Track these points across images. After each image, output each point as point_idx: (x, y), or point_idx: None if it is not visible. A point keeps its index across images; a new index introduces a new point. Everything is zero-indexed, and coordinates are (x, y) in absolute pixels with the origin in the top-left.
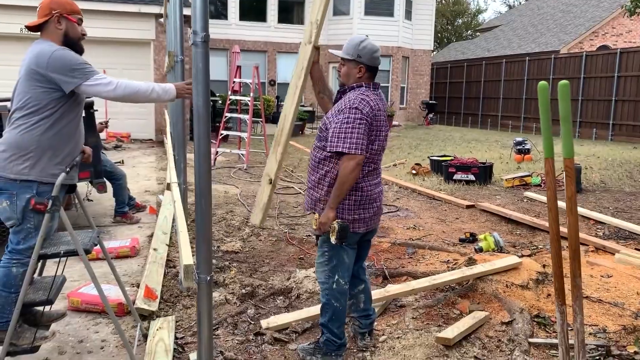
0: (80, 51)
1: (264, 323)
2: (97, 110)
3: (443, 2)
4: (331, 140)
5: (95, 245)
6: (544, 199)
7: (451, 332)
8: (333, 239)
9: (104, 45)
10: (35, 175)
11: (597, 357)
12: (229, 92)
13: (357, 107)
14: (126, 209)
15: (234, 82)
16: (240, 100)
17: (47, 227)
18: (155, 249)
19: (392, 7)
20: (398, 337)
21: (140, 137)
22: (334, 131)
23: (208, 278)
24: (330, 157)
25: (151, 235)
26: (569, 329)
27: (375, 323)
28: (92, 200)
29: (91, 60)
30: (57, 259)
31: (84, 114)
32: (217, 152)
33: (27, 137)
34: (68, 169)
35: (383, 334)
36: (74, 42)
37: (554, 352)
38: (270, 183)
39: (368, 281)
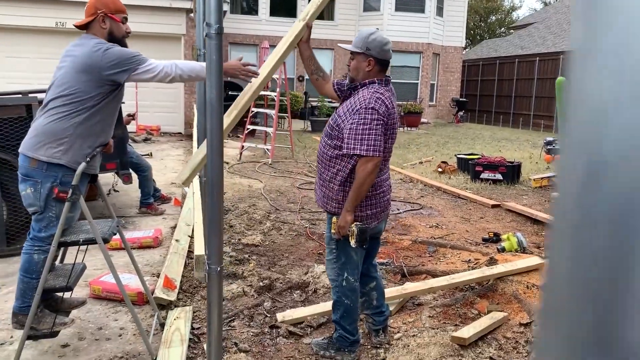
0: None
1: (279, 316)
2: (124, 103)
3: None
4: (347, 142)
5: (115, 234)
6: None
7: (467, 331)
8: (353, 243)
9: (135, 39)
10: (66, 160)
11: None
12: None
13: (374, 107)
14: (151, 200)
15: None
16: (267, 95)
17: (67, 215)
18: (177, 240)
19: (424, 3)
20: (413, 335)
21: (169, 130)
22: (350, 132)
23: (218, 269)
24: (343, 155)
25: (174, 227)
26: None
27: (391, 320)
28: (118, 191)
29: None
30: (79, 247)
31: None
32: (243, 146)
33: (64, 124)
34: (88, 159)
35: (398, 332)
36: (117, 40)
37: None
38: None
39: (380, 278)
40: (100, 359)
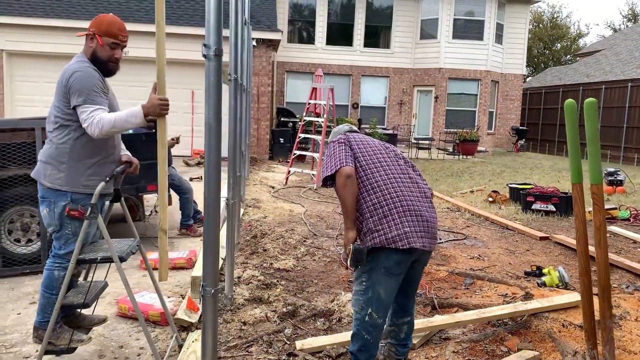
0: (107, 72)
1: (298, 344)
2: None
3: (540, 25)
4: (321, 175)
5: (134, 253)
6: (629, 234)
7: None
8: (349, 262)
9: (175, 66)
10: (68, 187)
11: None
12: (304, 114)
13: (331, 141)
14: (191, 222)
15: (309, 103)
16: (315, 121)
17: (84, 233)
18: None
19: (482, 31)
20: None
21: (224, 155)
22: (322, 169)
23: (213, 291)
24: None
25: None
26: None
27: (414, 354)
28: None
29: (168, 80)
30: (108, 265)
31: (153, 130)
32: (289, 171)
33: (60, 150)
34: (107, 178)
35: None
36: (101, 62)
37: None
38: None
39: (413, 316)
40: None
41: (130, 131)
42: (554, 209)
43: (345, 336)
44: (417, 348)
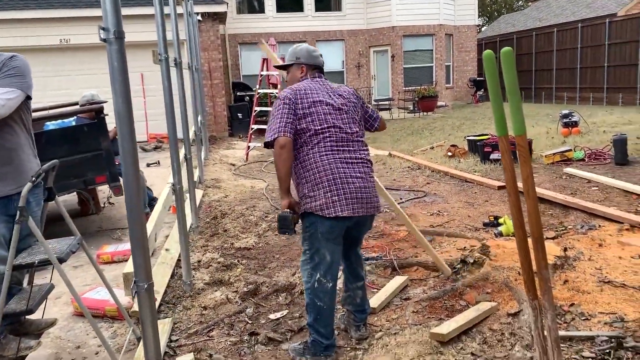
0: None
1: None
2: (107, 115)
3: None
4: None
5: (74, 252)
6: (584, 174)
7: (446, 327)
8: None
9: (128, 48)
10: None
11: (607, 350)
12: (257, 86)
13: (278, 97)
14: (147, 210)
15: (261, 75)
16: (270, 93)
17: (16, 238)
18: (167, 250)
19: None
20: (395, 333)
21: (181, 138)
22: (267, 131)
23: (146, 285)
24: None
25: (168, 236)
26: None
27: (375, 318)
28: (113, 204)
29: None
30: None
31: (95, 120)
32: (249, 146)
33: None
34: (34, 178)
35: (380, 330)
36: None
37: (563, 346)
38: None
39: (365, 279)
40: None
41: (73, 122)
42: (512, 157)
43: None
44: (378, 312)
